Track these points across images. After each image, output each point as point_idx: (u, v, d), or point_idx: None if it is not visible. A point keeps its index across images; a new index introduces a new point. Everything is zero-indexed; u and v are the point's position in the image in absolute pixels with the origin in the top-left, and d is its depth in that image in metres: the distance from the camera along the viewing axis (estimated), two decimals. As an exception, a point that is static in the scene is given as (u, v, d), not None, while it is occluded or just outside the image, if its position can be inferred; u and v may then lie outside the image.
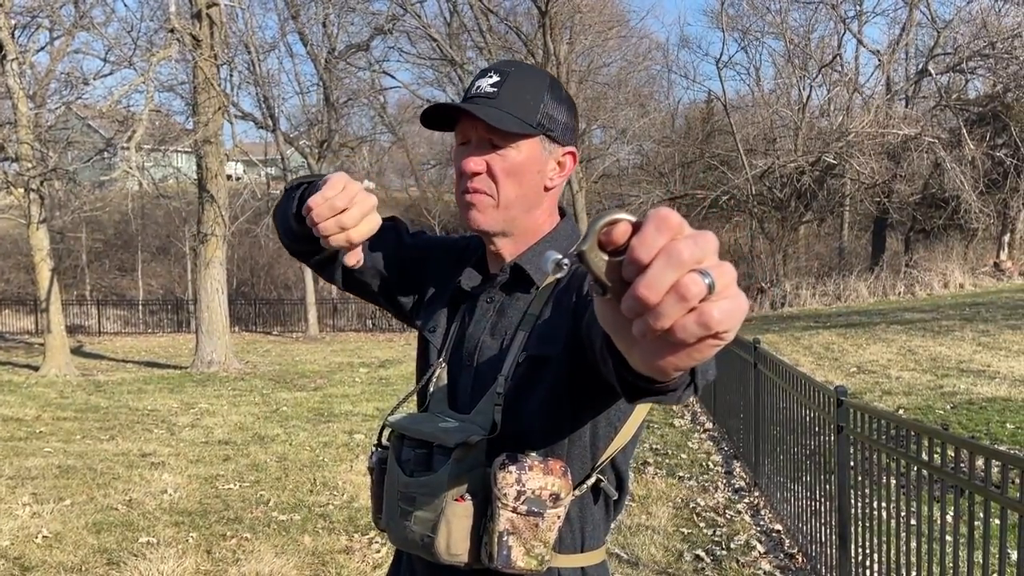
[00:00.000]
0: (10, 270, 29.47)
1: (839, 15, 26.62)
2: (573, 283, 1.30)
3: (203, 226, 14.88)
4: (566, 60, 22.63)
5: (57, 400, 11.06)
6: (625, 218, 0.65)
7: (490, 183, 1.30)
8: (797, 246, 26.58)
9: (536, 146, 1.31)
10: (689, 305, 0.60)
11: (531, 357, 1.27)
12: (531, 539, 1.21)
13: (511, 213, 1.33)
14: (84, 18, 15.51)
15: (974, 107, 23.92)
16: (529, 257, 1.35)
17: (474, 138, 1.30)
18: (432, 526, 1.25)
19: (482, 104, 1.27)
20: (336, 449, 7.42)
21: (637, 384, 0.86)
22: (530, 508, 1.21)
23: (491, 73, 1.30)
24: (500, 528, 1.21)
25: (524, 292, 1.35)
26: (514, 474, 1.21)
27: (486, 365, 1.32)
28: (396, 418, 1.37)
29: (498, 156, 1.29)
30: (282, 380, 13.02)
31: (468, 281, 1.39)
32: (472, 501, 1.25)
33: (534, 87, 1.30)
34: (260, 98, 22.80)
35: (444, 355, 1.39)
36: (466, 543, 1.25)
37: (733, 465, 6.42)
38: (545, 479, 1.21)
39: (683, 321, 0.61)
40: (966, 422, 7.04)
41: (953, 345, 11.80)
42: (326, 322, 24.96)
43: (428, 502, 1.26)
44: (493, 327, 1.35)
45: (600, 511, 1.33)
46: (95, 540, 4.91)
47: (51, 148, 15.27)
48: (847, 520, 3.69)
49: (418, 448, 1.30)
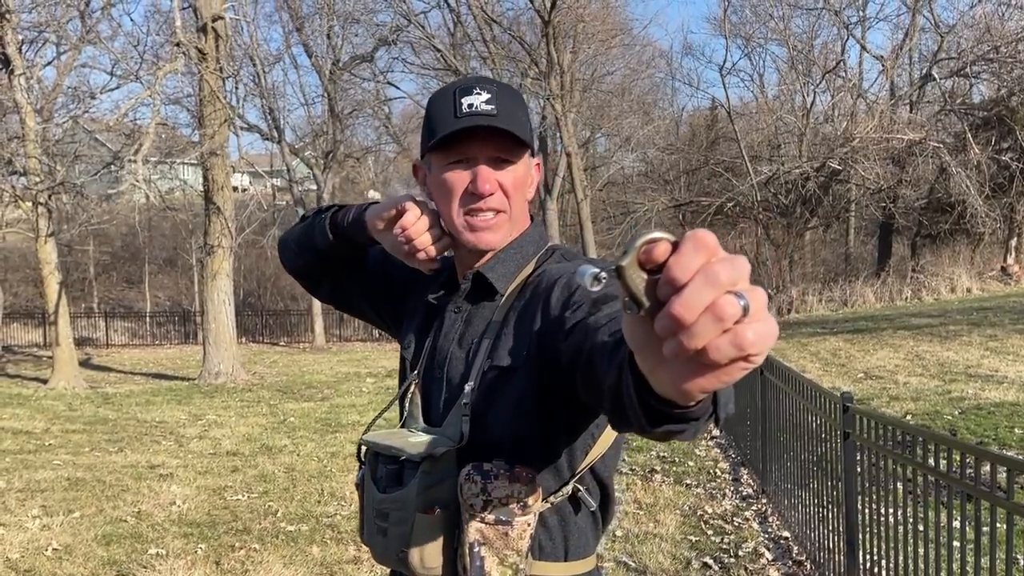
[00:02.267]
0: (18, 283, 29.59)
1: (842, 21, 26.63)
2: (536, 294, 1.29)
3: (210, 238, 14.93)
4: (569, 69, 22.68)
5: (66, 413, 11.09)
6: (665, 237, 0.65)
7: (504, 200, 1.30)
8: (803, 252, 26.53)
9: (527, 159, 1.34)
10: (724, 326, 0.61)
11: (495, 367, 1.27)
12: (503, 548, 1.21)
13: (513, 227, 1.35)
14: (91, 33, 15.63)
15: (979, 111, 23.86)
16: (491, 265, 1.34)
17: (481, 157, 1.28)
18: (405, 540, 1.25)
19: (491, 122, 1.26)
20: (343, 459, 7.43)
21: (658, 408, 0.81)
22: (498, 517, 1.20)
23: (477, 91, 1.28)
24: (470, 539, 1.21)
25: (490, 300, 1.35)
26: (479, 483, 1.20)
27: (455, 376, 1.33)
28: (370, 435, 1.37)
29: (508, 173, 1.30)
30: (289, 391, 13.04)
31: (436, 294, 1.42)
32: (443, 513, 1.24)
33: (517, 102, 1.31)
34: (265, 110, 22.91)
35: (418, 370, 1.40)
36: (439, 556, 1.25)
37: (740, 472, 6.41)
38: (511, 487, 1.20)
39: (717, 342, 0.61)
40: (974, 427, 7.01)
41: (961, 350, 11.76)
42: (333, 332, 25.00)
43: (400, 517, 1.26)
44: (461, 337, 1.35)
45: (585, 520, 1.32)
46: (104, 552, 4.93)
47: (58, 162, 15.38)
48: (855, 526, 3.68)
49: (390, 464, 1.31)
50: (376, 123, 27.96)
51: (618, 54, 27.75)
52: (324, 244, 1.47)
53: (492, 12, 22.44)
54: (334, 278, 1.57)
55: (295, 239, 1.55)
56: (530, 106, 26.18)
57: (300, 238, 1.53)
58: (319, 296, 1.63)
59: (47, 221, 14.53)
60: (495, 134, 1.27)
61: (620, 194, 30.96)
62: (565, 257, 1.37)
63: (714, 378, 0.65)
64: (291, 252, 1.57)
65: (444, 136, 1.26)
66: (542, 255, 1.37)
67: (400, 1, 21.56)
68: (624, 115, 28.28)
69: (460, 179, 1.29)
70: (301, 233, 1.53)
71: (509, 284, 1.33)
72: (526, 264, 1.35)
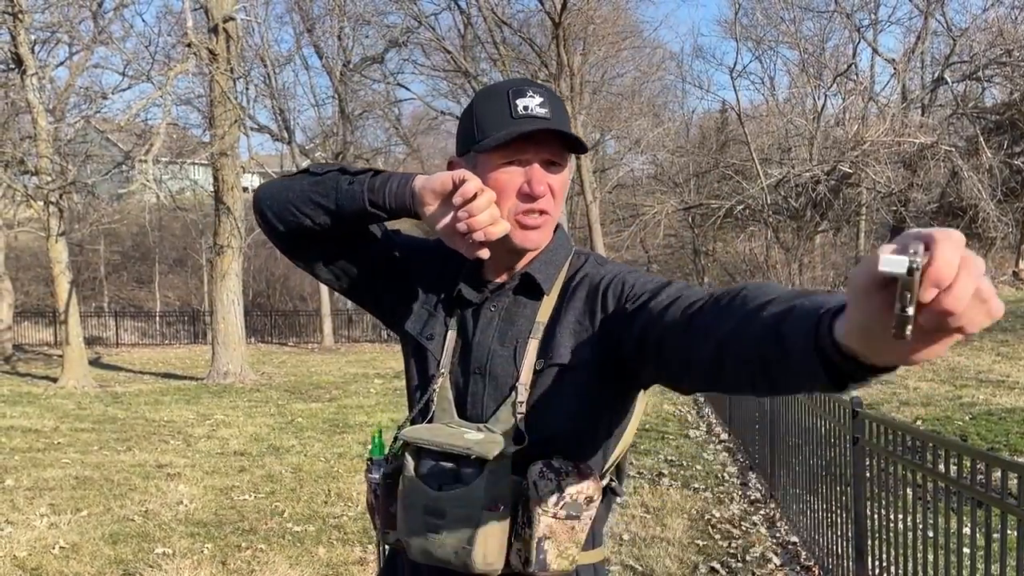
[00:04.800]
0: (29, 282, 29.74)
1: (853, 24, 26.53)
2: (589, 296, 1.32)
3: (219, 238, 14.98)
4: (579, 71, 22.66)
5: (75, 411, 11.14)
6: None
7: (552, 202, 1.32)
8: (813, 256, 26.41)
9: (571, 164, 1.38)
10: (988, 307, 0.70)
11: (551, 365, 1.29)
12: (566, 541, 1.26)
13: (552, 228, 1.37)
14: (103, 33, 15.70)
15: (991, 115, 23.73)
16: (538, 266, 1.36)
17: (535, 159, 1.29)
18: (468, 538, 1.27)
19: (549, 125, 1.28)
20: (351, 460, 7.43)
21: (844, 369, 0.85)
22: (569, 512, 1.25)
23: (531, 93, 1.30)
24: (539, 534, 1.25)
25: (532, 299, 1.36)
26: (553, 481, 1.25)
27: (500, 373, 1.33)
28: (413, 431, 1.35)
29: (557, 176, 1.32)
30: (297, 391, 13.06)
31: (468, 289, 1.39)
32: (504, 509, 1.27)
33: (563, 107, 1.34)
34: (276, 111, 23.00)
35: (444, 364, 1.38)
36: (502, 552, 1.28)
37: (749, 476, 6.37)
38: (581, 483, 1.26)
39: (975, 317, 0.70)
40: (985, 433, 6.97)
41: (972, 355, 11.68)
42: (341, 333, 25.04)
43: (464, 514, 1.27)
44: (502, 335, 1.35)
45: (603, 509, 1.38)
46: (111, 551, 4.94)
47: (70, 161, 15.44)
48: (864, 532, 3.65)
49: (443, 460, 1.31)
50: (386, 124, 28.00)
51: (628, 56, 27.72)
52: (353, 211, 1.32)
53: (502, 14, 22.44)
54: (333, 247, 1.42)
55: (301, 196, 1.36)
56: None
57: (309, 196, 1.35)
58: (305, 263, 1.45)
59: (58, 220, 14.60)
60: (551, 137, 1.29)
61: (629, 196, 30.89)
62: (599, 262, 1.40)
63: (945, 346, 0.74)
64: (288, 208, 1.37)
65: (510, 135, 1.26)
66: (573, 258, 1.41)
67: (411, 3, 21.60)
68: (634, 117, 28.23)
69: (514, 179, 1.30)
70: (310, 191, 1.35)
71: (552, 285, 1.36)
72: (563, 266, 1.39)
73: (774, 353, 0.94)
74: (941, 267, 0.69)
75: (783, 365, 0.93)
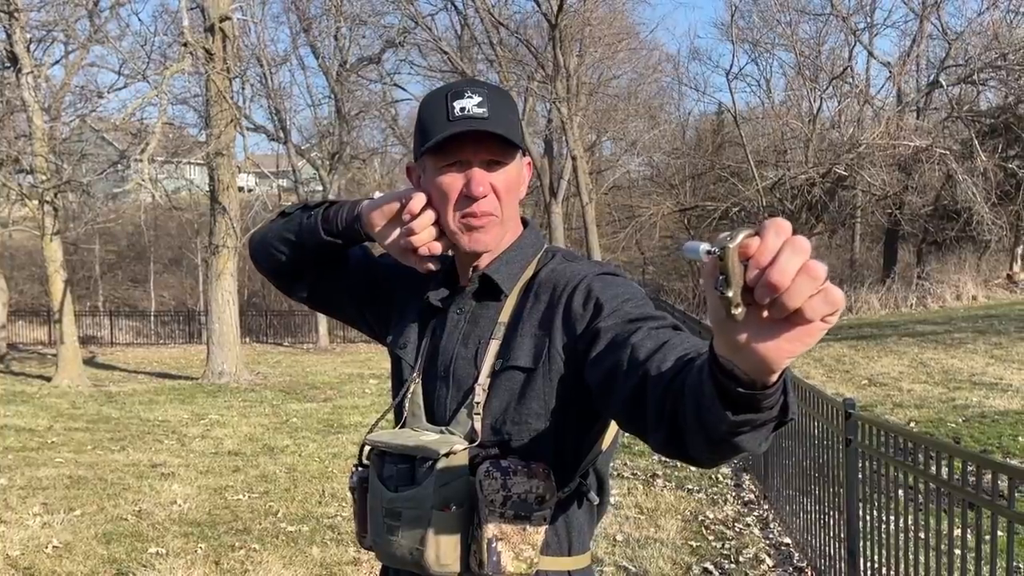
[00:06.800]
0: (24, 281, 29.67)
1: (849, 27, 26.59)
2: (552, 298, 1.30)
3: (215, 238, 14.95)
4: (576, 72, 22.69)
5: (69, 411, 11.11)
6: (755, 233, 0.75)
7: (495, 202, 1.31)
8: (808, 258, 26.45)
9: (519, 160, 1.35)
10: (818, 284, 0.72)
11: (510, 367, 1.29)
12: (519, 543, 1.23)
13: (505, 228, 1.36)
14: (99, 32, 15.67)
15: (986, 118, 23.80)
16: (497, 267, 1.36)
17: (474, 160, 1.29)
18: (420, 539, 1.26)
19: (483, 125, 1.27)
20: (345, 460, 7.43)
21: (738, 397, 0.84)
22: (517, 512, 1.23)
23: (469, 94, 1.29)
24: (488, 535, 1.22)
25: (494, 300, 1.36)
26: (499, 480, 1.22)
27: (462, 375, 1.34)
28: (376, 435, 1.37)
29: (500, 174, 1.31)
30: (292, 391, 13.05)
31: (436, 295, 1.41)
32: (458, 510, 1.26)
33: (508, 104, 1.32)
34: (272, 110, 22.94)
35: (418, 370, 1.40)
36: (456, 553, 1.26)
37: (742, 478, 6.39)
38: (530, 483, 1.23)
39: (812, 302, 0.72)
40: (978, 435, 6.99)
41: (965, 358, 11.72)
42: (336, 333, 25.00)
43: (415, 515, 1.27)
44: (466, 337, 1.36)
45: (584, 515, 1.35)
46: (104, 550, 4.93)
47: (65, 160, 15.42)
48: (856, 533, 3.67)
49: (400, 463, 1.31)
50: (383, 125, 28.02)
51: (625, 58, 27.72)
52: (313, 242, 1.43)
53: (499, 15, 22.46)
54: (315, 277, 1.53)
55: (276, 235, 1.50)
56: (536, 109, 26.23)
57: (281, 235, 1.48)
58: (294, 295, 1.56)
59: (53, 219, 14.56)
60: (487, 137, 1.28)
61: (625, 198, 30.95)
62: (567, 259, 1.38)
63: (799, 342, 0.75)
64: (269, 249, 1.51)
65: (437, 140, 1.27)
66: (541, 257, 1.39)
67: (408, 3, 21.57)
68: (630, 119, 28.26)
69: (454, 182, 1.30)
70: (282, 229, 1.49)
71: (513, 285, 1.35)
72: (527, 265, 1.37)
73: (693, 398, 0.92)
74: (762, 247, 0.72)
75: (701, 405, 0.90)
